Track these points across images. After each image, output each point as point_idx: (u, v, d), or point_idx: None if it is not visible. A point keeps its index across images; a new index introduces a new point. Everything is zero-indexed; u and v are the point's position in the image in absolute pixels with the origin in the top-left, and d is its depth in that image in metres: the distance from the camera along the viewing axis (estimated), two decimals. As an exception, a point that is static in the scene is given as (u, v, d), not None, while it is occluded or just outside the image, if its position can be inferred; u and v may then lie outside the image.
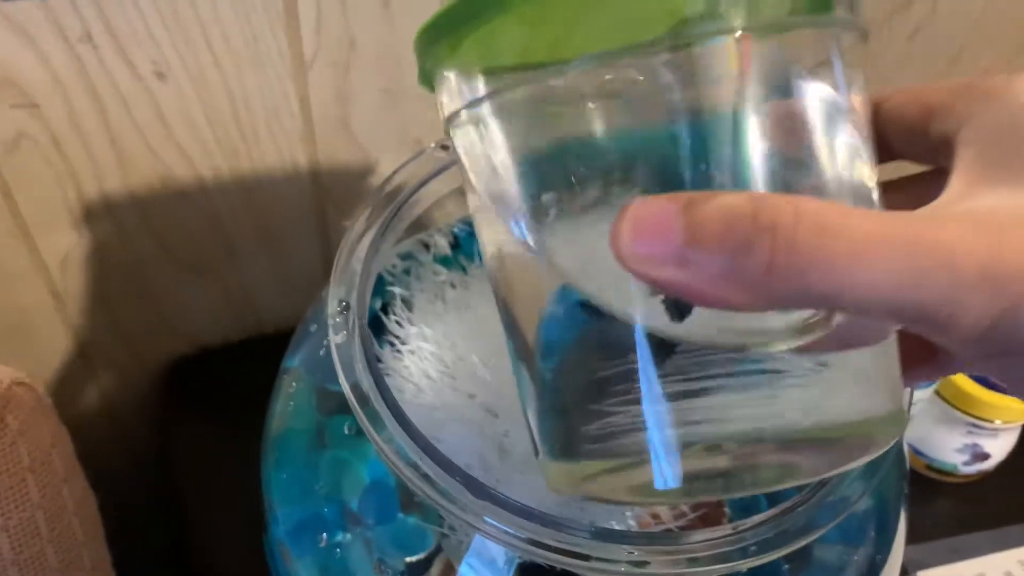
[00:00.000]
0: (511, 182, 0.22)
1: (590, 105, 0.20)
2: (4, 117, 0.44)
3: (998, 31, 0.58)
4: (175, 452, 0.54)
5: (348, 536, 0.38)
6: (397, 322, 0.38)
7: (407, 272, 0.41)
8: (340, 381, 0.30)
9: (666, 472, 0.22)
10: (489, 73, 0.22)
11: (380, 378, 0.30)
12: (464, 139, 0.23)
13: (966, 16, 0.56)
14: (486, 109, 0.22)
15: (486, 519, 0.28)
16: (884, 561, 0.37)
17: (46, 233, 0.49)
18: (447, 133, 0.24)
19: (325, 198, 0.52)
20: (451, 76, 0.23)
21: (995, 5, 0.56)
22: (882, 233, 0.16)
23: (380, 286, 0.40)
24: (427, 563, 0.37)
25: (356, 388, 0.30)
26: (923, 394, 0.49)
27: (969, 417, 0.48)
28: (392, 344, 0.38)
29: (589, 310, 0.22)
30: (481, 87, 0.22)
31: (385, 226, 0.35)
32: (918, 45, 0.56)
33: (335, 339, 0.31)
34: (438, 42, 0.22)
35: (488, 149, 0.22)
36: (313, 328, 0.40)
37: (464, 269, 0.40)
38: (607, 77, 0.20)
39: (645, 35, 0.19)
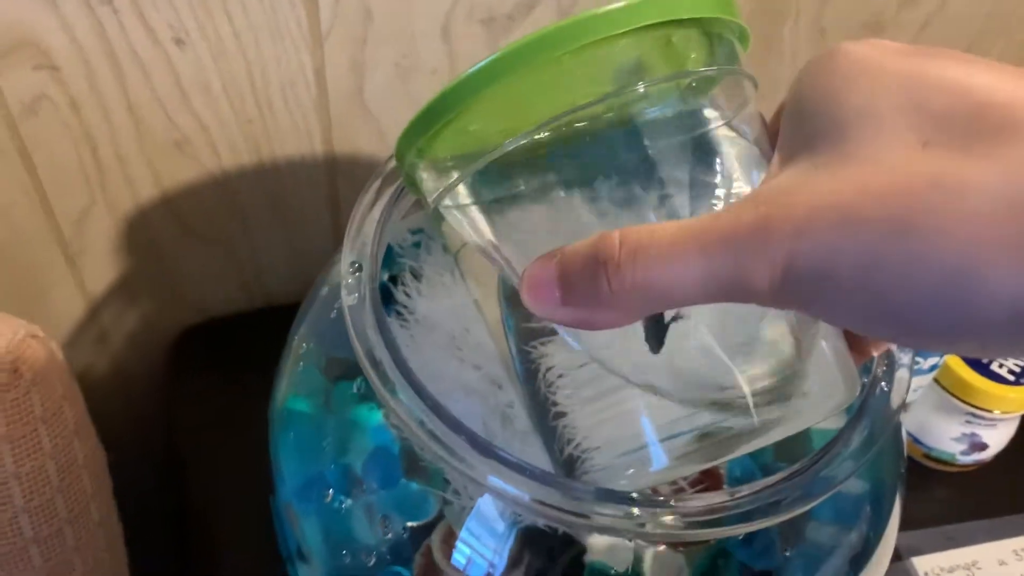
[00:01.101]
0: (493, 246, 0.27)
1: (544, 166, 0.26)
2: (25, 79, 0.44)
3: (1008, 25, 0.58)
4: (181, 419, 0.55)
5: (352, 499, 0.38)
6: (406, 293, 0.39)
7: (417, 245, 0.42)
8: (351, 341, 0.31)
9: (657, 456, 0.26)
10: (456, 161, 0.27)
11: (391, 338, 0.31)
12: (451, 219, 0.28)
13: (976, 9, 0.57)
14: (460, 189, 0.27)
15: (491, 478, 0.28)
16: (877, 543, 0.38)
17: (61, 196, 0.49)
18: (435, 225, 0.29)
19: (336, 170, 0.53)
20: (426, 174, 0.28)
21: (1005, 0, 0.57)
22: (678, 237, 0.20)
23: (389, 257, 0.40)
24: (429, 529, 0.37)
25: (367, 348, 0.31)
26: (922, 380, 0.49)
27: (968, 406, 0.49)
28: (400, 314, 0.38)
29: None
30: (453, 173, 0.27)
31: (396, 197, 0.36)
32: (927, 40, 0.57)
33: (347, 300, 0.31)
34: (410, 148, 0.28)
35: (469, 222, 0.27)
36: (324, 291, 0.41)
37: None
38: (550, 134, 0.25)
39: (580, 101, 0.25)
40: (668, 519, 0.28)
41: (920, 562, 0.50)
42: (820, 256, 0.18)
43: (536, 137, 0.25)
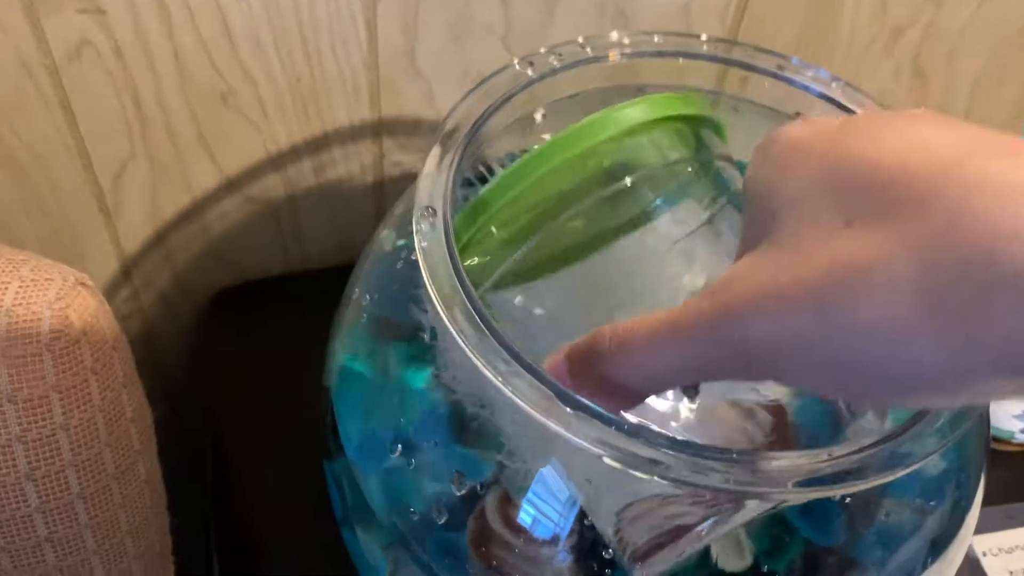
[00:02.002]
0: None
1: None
2: (69, 22, 0.43)
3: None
4: (214, 384, 0.54)
5: (409, 460, 0.37)
6: None
7: (467, 200, 0.40)
8: (426, 285, 0.29)
9: None
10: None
11: (466, 283, 0.29)
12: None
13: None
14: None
15: (573, 426, 0.27)
16: (959, 525, 0.36)
17: (101, 147, 0.48)
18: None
19: (383, 131, 0.51)
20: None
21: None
22: (653, 329, 0.23)
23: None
24: (480, 495, 0.36)
25: (443, 294, 0.29)
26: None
27: (1030, 384, 0.47)
28: None
29: None
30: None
31: (464, 147, 0.34)
32: (986, 10, 0.55)
33: (421, 243, 0.30)
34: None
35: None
36: (381, 249, 0.40)
37: None
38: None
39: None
40: (746, 476, 0.26)
41: (979, 541, 0.48)
42: (770, 339, 0.20)
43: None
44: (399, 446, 0.37)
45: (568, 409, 0.27)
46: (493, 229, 0.32)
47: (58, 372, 0.33)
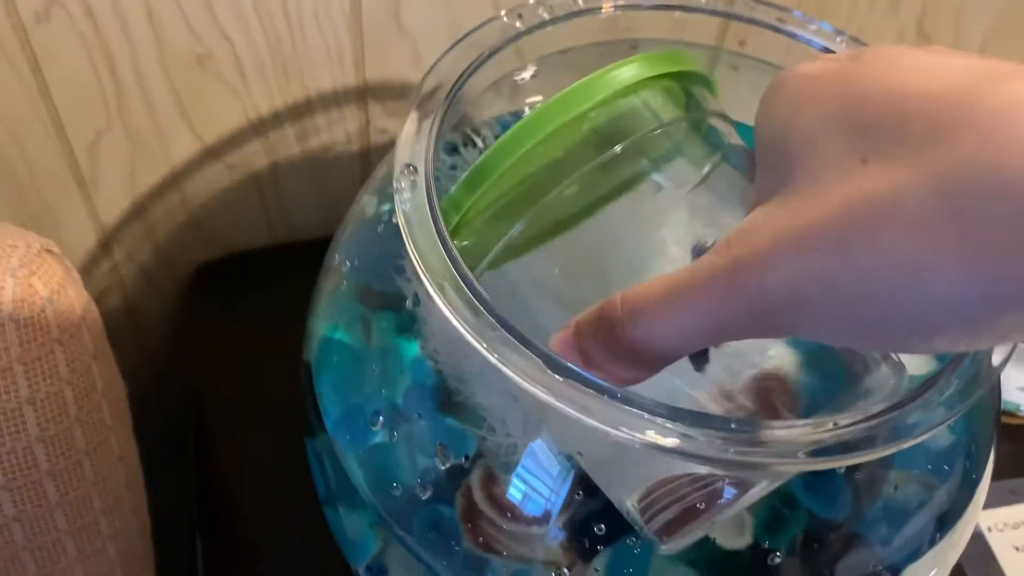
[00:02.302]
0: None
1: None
2: (36, -20, 0.41)
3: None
4: (197, 359, 0.52)
5: (394, 434, 0.36)
6: None
7: (453, 168, 0.39)
8: (407, 248, 0.28)
9: None
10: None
11: (450, 247, 0.28)
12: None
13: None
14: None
15: (563, 395, 0.25)
16: (967, 502, 0.35)
17: (75, 116, 0.46)
18: None
19: (368, 94, 0.49)
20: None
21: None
22: (665, 292, 0.22)
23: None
24: (465, 470, 0.34)
25: (424, 258, 0.27)
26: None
27: (1038, 354, 0.46)
28: None
29: None
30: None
31: (447, 107, 0.32)
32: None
33: (402, 206, 0.28)
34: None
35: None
36: (362, 215, 0.38)
37: None
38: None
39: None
40: (749, 447, 0.25)
41: (984, 517, 0.47)
42: (788, 287, 0.20)
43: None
44: (381, 420, 0.36)
45: (558, 377, 0.25)
46: (485, 205, 0.31)
47: (22, 343, 0.32)
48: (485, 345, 0.26)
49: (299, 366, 0.39)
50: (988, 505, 0.47)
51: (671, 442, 0.24)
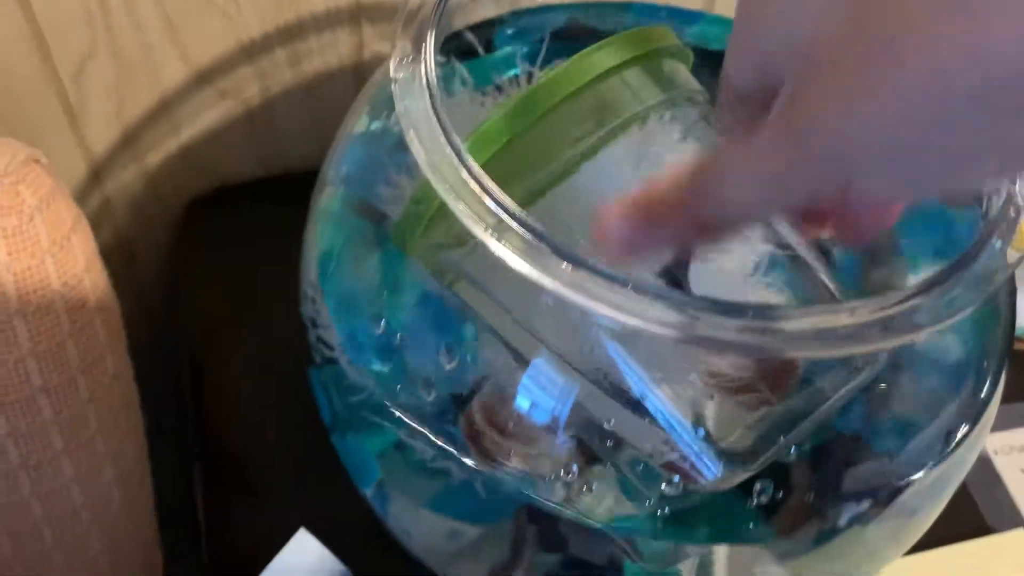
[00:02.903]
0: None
1: None
2: None
3: None
4: (190, 295, 0.51)
5: (400, 354, 0.35)
6: None
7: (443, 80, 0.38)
8: (400, 121, 0.27)
9: None
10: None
11: (452, 136, 0.27)
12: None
13: None
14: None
15: (577, 284, 0.24)
16: (977, 418, 0.35)
17: (62, 38, 0.45)
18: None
19: (362, 16, 0.48)
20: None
21: None
22: (726, 154, 0.23)
23: (481, 71, 0.36)
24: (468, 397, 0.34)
25: (418, 131, 0.26)
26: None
27: (1047, 274, 0.45)
28: None
29: None
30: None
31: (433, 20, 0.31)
32: None
33: (396, 75, 0.27)
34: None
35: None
36: (357, 124, 0.37)
37: (499, 88, 0.37)
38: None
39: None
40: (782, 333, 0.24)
41: (990, 440, 0.47)
42: (845, 125, 0.19)
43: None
44: (386, 339, 0.35)
45: (565, 265, 0.25)
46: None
47: (10, 251, 0.31)
48: (492, 233, 0.25)
49: (298, 295, 0.38)
50: (995, 428, 0.47)
51: (681, 324, 0.24)
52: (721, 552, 0.35)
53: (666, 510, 0.31)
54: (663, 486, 0.31)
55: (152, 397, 0.45)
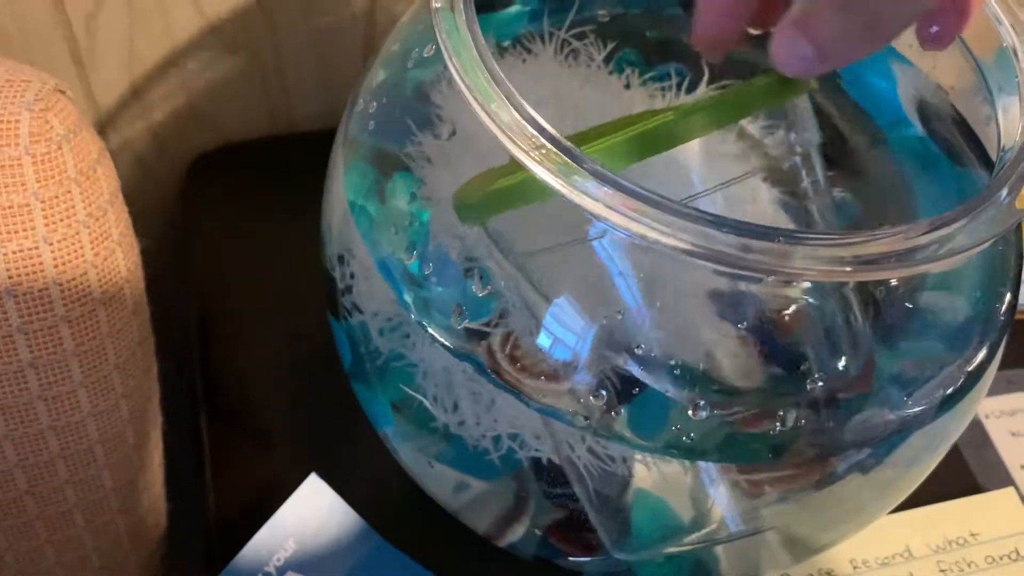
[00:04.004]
0: None
1: None
2: None
3: None
4: (196, 254, 0.51)
5: (413, 295, 0.35)
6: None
7: None
8: (441, 47, 0.27)
9: None
10: None
11: (483, 47, 0.27)
12: None
13: None
14: None
15: (609, 204, 0.25)
16: (977, 378, 0.35)
17: (74, -18, 0.45)
18: None
19: (377, -26, 0.48)
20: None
21: None
22: None
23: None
24: (484, 333, 0.34)
25: (457, 55, 0.27)
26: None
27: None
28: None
29: None
30: None
31: None
32: None
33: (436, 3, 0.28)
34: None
35: None
36: (374, 82, 0.37)
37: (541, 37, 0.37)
38: None
39: None
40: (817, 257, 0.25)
41: (982, 404, 0.48)
42: None
43: None
44: (410, 282, 0.35)
45: (610, 188, 0.25)
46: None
47: (39, 179, 0.31)
48: (524, 159, 0.26)
49: (306, 256, 0.39)
50: (987, 394, 0.48)
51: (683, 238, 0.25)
52: (722, 497, 0.35)
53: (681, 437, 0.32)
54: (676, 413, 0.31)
55: (158, 353, 0.45)
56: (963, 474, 0.46)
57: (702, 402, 0.30)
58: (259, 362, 0.47)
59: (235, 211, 0.52)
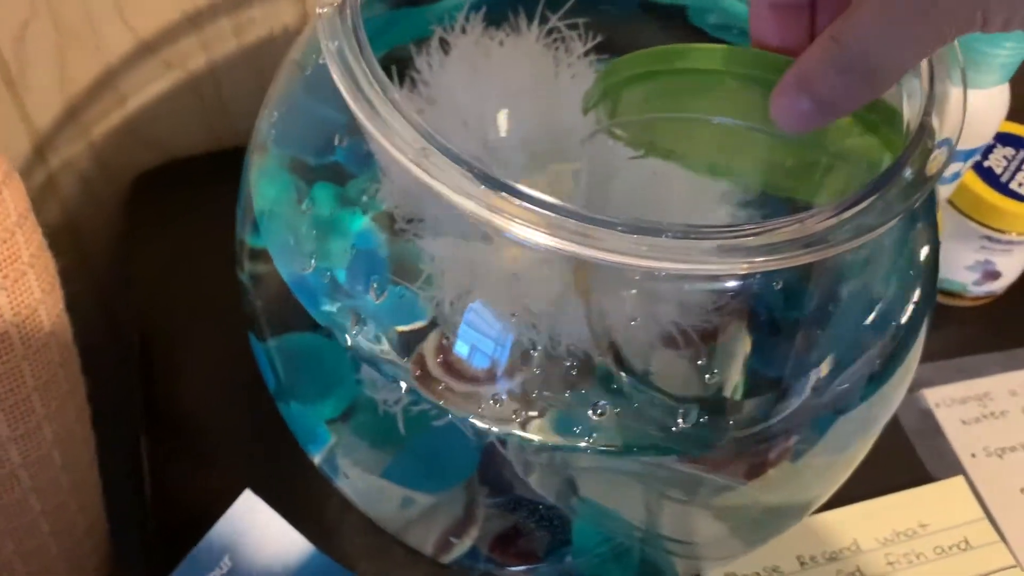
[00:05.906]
0: None
1: None
2: None
3: None
4: (140, 271, 0.51)
5: (337, 306, 0.35)
6: (428, 63, 0.35)
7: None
8: (333, 76, 0.27)
9: None
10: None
11: (377, 71, 0.27)
12: None
13: None
14: None
15: (505, 215, 0.25)
16: (901, 359, 0.35)
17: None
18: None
19: (308, -14, 0.48)
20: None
21: None
22: (871, 19, 0.23)
23: (421, 21, 0.36)
24: (420, 335, 0.34)
25: (351, 81, 0.27)
26: (945, 191, 0.46)
27: (983, 228, 0.46)
28: (414, 83, 0.35)
29: None
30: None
31: None
32: None
33: (327, 43, 0.27)
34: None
35: None
36: (289, 79, 0.37)
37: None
38: None
39: None
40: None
41: (931, 393, 0.48)
42: None
43: None
44: (330, 289, 0.35)
45: (485, 187, 0.25)
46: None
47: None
48: (425, 178, 0.25)
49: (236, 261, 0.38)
50: (936, 383, 0.48)
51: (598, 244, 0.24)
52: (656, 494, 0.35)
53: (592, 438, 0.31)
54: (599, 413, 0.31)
55: (103, 375, 0.45)
56: (913, 464, 0.45)
57: (602, 402, 0.30)
58: (200, 378, 0.46)
59: (179, 228, 0.52)
